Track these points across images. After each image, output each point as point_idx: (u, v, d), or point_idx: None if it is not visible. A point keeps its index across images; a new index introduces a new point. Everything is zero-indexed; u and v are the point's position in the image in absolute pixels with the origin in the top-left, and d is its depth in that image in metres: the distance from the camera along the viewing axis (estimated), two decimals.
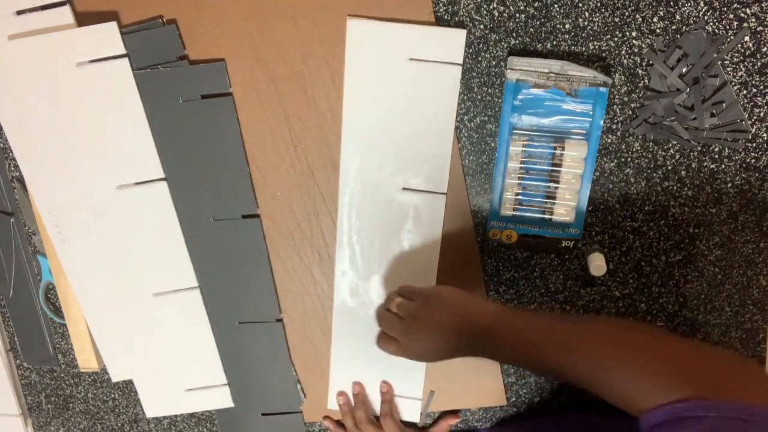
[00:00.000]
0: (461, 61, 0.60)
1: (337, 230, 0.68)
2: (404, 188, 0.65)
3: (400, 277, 0.68)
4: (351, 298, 0.70)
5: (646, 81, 0.60)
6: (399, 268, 0.68)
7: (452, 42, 0.60)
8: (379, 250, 0.67)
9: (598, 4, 0.58)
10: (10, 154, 0.70)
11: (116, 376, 0.76)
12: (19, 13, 0.64)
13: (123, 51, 0.64)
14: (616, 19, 0.58)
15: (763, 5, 0.56)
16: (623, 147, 0.62)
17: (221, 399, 0.76)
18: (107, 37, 0.63)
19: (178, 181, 0.68)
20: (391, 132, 0.64)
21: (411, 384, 0.72)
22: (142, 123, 0.66)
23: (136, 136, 0.66)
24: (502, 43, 0.60)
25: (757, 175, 0.61)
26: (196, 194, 0.68)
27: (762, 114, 0.59)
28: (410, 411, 0.73)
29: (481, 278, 0.68)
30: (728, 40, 0.57)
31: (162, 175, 0.68)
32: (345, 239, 0.68)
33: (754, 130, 0.59)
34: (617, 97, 0.60)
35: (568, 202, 0.63)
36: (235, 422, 0.77)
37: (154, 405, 0.77)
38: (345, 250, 0.68)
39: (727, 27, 0.57)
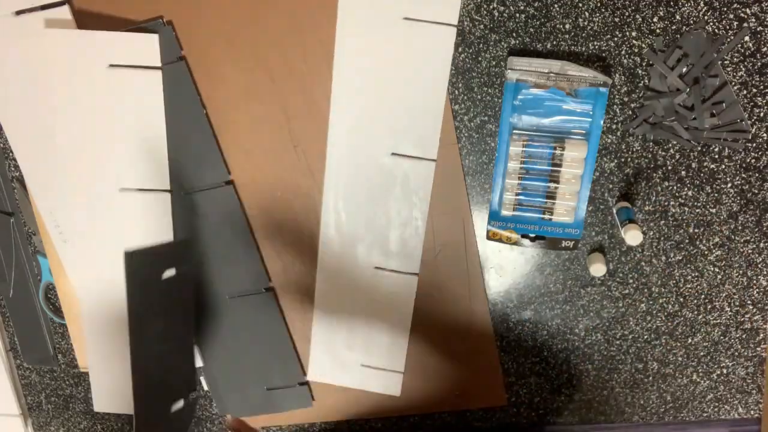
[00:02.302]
0: (456, 22, 0.60)
1: (323, 195, 0.66)
2: (393, 153, 0.64)
3: (387, 244, 0.67)
4: (336, 265, 0.69)
5: (646, 81, 0.60)
6: (385, 235, 0.67)
7: (449, 2, 0.59)
8: (366, 216, 0.67)
9: (598, 4, 0.58)
10: (10, 154, 0.71)
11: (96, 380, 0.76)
12: (19, 13, 0.64)
13: (159, 63, 0.64)
14: (616, 19, 0.58)
15: (763, 5, 0.56)
16: (623, 147, 0.62)
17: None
18: (146, 47, 0.64)
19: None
20: (382, 93, 0.62)
21: (393, 358, 0.72)
22: (161, 135, 0.66)
23: (151, 145, 0.67)
24: (502, 43, 0.60)
25: (757, 175, 0.61)
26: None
27: (762, 114, 0.59)
28: (392, 384, 0.73)
29: (480, 278, 0.68)
30: (728, 40, 0.57)
31: (168, 187, 0.68)
32: (331, 205, 0.67)
33: (754, 130, 0.59)
34: (617, 97, 0.60)
35: (568, 202, 0.63)
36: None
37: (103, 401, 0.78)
38: (330, 215, 0.67)
39: (727, 27, 0.57)
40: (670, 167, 0.62)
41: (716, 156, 0.61)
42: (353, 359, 0.72)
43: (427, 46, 0.60)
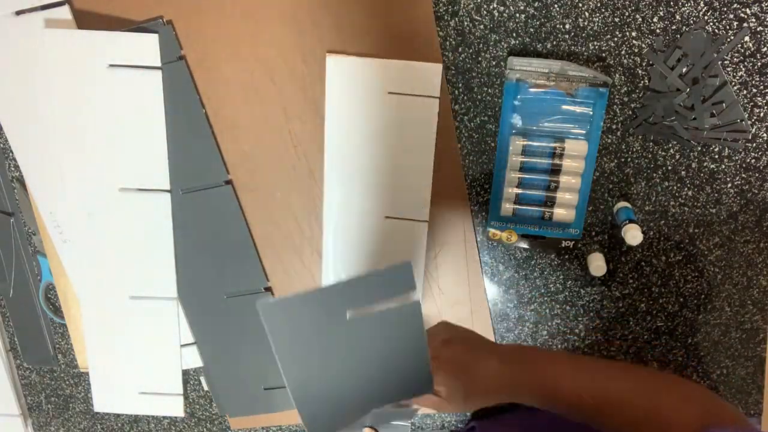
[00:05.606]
0: (438, 94, 0.62)
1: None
2: (387, 216, 0.66)
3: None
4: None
5: (646, 81, 0.60)
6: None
7: (429, 76, 0.61)
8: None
9: (598, 4, 0.58)
10: (10, 154, 0.70)
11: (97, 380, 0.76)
12: (19, 13, 0.64)
13: (159, 63, 0.64)
14: (616, 19, 0.58)
15: (763, 5, 0.56)
16: (623, 147, 0.62)
17: (174, 407, 0.77)
18: (146, 47, 0.64)
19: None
20: (372, 163, 0.65)
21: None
22: (161, 135, 0.66)
23: (151, 145, 0.67)
24: (502, 43, 0.60)
25: (757, 175, 0.61)
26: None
27: (762, 114, 0.59)
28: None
29: (480, 278, 0.68)
30: (728, 40, 0.57)
31: (167, 187, 0.68)
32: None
33: (754, 130, 0.59)
34: (617, 97, 0.60)
35: (568, 202, 0.63)
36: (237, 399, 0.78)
37: (105, 401, 0.78)
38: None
39: (727, 27, 0.57)
40: (670, 167, 0.62)
41: (716, 156, 0.61)
42: None
43: (412, 115, 0.63)
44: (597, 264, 0.63)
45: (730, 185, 0.62)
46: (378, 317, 0.44)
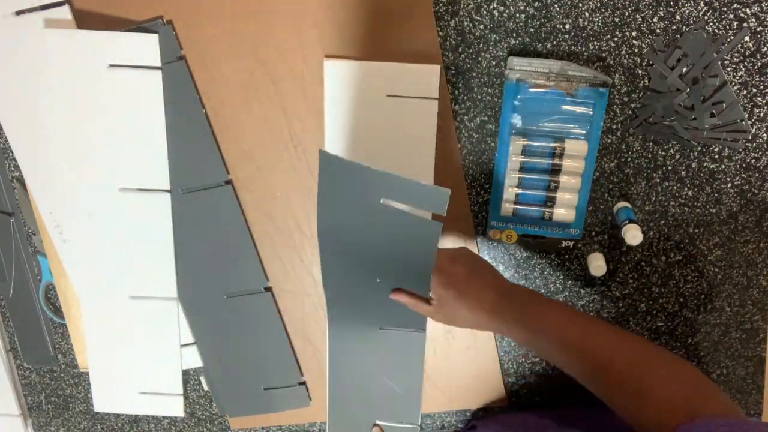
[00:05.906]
0: (437, 96, 0.62)
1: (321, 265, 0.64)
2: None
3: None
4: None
5: (646, 81, 0.60)
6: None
7: (427, 78, 0.61)
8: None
9: (598, 4, 0.58)
10: (10, 154, 0.71)
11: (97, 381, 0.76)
12: (19, 13, 0.64)
13: (159, 63, 0.64)
14: (616, 19, 0.58)
15: (763, 5, 0.56)
16: (623, 147, 0.62)
17: (174, 407, 0.77)
18: (146, 47, 0.64)
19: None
20: (372, 165, 0.64)
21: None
22: (161, 135, 0.66)
23: (151, 145, 0.67)
24: (502, 43, 0.60)
25: (757, 175, 0.61)
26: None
27: (762, 114, 0.59)
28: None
29: None
30: (728, 40, 0.57)
31: (167, 187, 0.68)
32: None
33: (754, 130, 0.59)
34: (617, 97, 0.60)
35: (568, 202, 0.63)
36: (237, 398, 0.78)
37: (105, 401, 0.78)
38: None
39: (727, 27, 0.57)
40: (670, 167, 0.62)
41: (716, 156, 0.61)
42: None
43: (411, 117, 0.63)
44: (597, 264, 0.63)
45: (730, 185, 0.62)
46: (403, 217, 0.48)
